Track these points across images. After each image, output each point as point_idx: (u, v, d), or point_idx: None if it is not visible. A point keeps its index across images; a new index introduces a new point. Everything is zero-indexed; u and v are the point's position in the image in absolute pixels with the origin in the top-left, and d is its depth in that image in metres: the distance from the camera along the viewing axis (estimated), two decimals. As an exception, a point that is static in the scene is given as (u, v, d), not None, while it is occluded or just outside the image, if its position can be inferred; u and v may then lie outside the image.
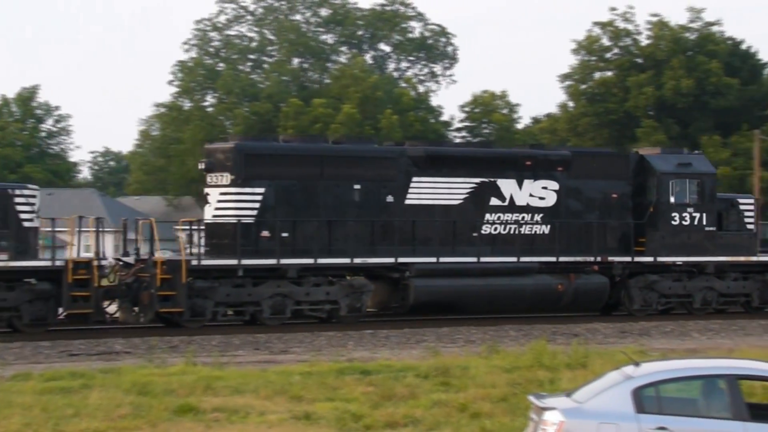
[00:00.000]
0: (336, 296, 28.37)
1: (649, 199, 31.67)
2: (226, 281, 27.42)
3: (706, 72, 67.77)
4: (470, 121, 77.94)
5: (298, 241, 28.14)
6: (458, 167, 30.06)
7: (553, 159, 31.28)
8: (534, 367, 18.81)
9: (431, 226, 29.50)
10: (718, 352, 22.48)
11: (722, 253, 32.07)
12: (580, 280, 30.61)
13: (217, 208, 28.31)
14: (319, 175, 28.55)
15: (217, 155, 28.61)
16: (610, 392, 10.93)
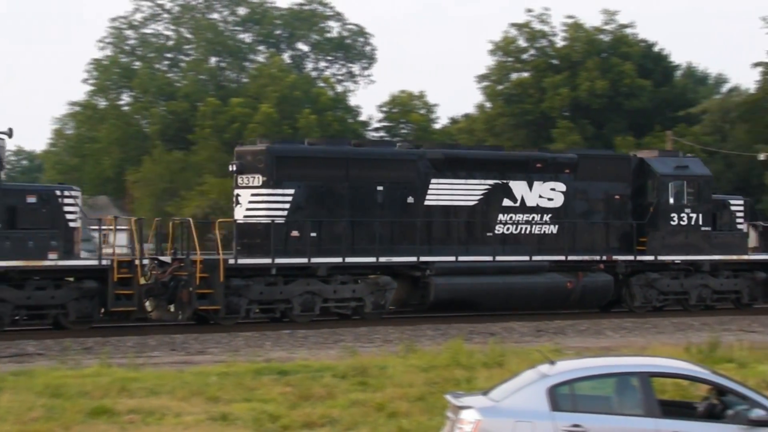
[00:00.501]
0: (361, 294, 29.42)
1: (648, 200, 33.04)
2: (259, 279, 28.33)
3: (620, 73, 68.68)
4: (388, 121, 78.07)
5: (325, 241, 29.13)
6: (474, 169, 31.21)
7: (561, 161, 32.55)
8: (451, 366, 18.90)
9: (449, 226, 30.68)
10: (631, 350, 22.79)
11: (717, 252, 33.47)
12: (588, 278, 31.88)
13: (248, 208, 29.10)
14: (344, 176, 29.56)
15: (248, 157, 29.40)
16: (525, 391, 11.02)
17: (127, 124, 73.87)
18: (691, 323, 30.07)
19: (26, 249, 25.65)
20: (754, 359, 20.13)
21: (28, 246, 25.66)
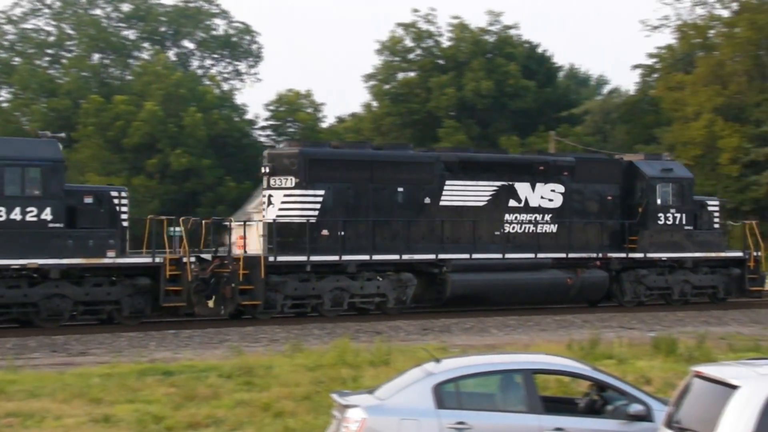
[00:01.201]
0: (385, 290, 31.02)
1: (637, 201, 35.04)
2: (293, 276, 29.78)
3: (504, 74, 69.52)
4: (275, 119, 77.75)
5: (351, 239, 30.69)
6: (483, 172, 32.94)
7: (560, 165, 34.34)
8: (337, 365, 18.90)
9: (463, 225, 32.37)
10: (515, 348, 23.10)
11: (698, 250, 35.67)
12: (586, 275, 33.76)
13: (281, 208, 30.46)
14: (369, 178, 31.17)
15: (281, 160, 30.74)
16: (411, 389, 11.08)
17: (6, 121, 72.16)
18: (573, 320, 30.58)
19: (87, 247, 26.98)
20: (632, 355, 20.56)
21: (89, 244, 27.01)
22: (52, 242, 26.58)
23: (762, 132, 62.95)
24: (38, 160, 26.69)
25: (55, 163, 27.07)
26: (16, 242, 26.14)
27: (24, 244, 26.23)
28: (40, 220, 26.47)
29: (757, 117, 64.50)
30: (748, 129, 64.42)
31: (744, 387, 8.87)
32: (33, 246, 26.31)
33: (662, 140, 70.07)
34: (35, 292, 26.73)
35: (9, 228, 26.09)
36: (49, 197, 26.61)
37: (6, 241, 26.01)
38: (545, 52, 77.25)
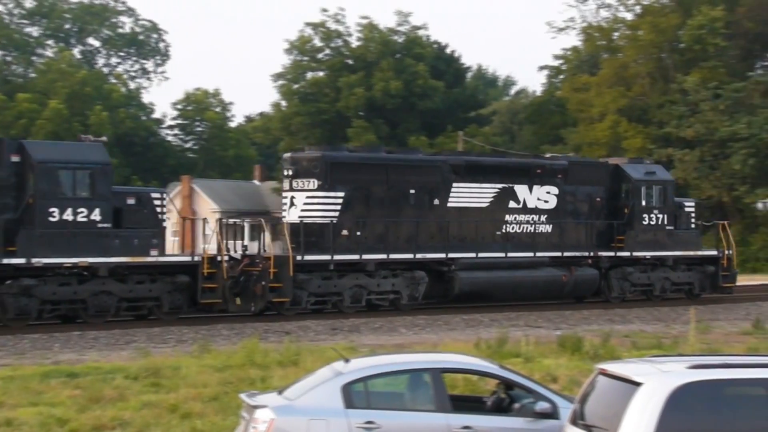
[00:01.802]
0: (399, 287, 32.47)
1: (623, 202, 36.96)
2: (317, 274, 31.11)
3: (413, 74, 69.76)
4: (183, 118, 77.13)
5: (369, 239, 32.20)
6: (486, 174, 34.56)
7: (555, 168, 36.02)
8: (246, 366, 18.80)
9: (468, 225, 33.85)
10: (423, 347, 23.23)
11: (678, 248, 37.75)
12: (579, 272, 35.53)
13: (303, 209, 31.74)
14: (384, 181, 32.67)
15: (303, 163, 32.05)
16: (320, 389, 11.06)
17: None
18: (480, 319, 30.81)
19: (132, 246, 28.33)
20: (539, 354, 20.78)
21: (134, 244, 28.36)
22: (100, 241, 27.80)
23: (665, 133, 64.13)
24: (88, 163, 27.87)
25: (103, 166, 28.31)
26: (68, 241, 27.28)
27: (75, 244, 27.35)
28: (90, 220, 27.70)
29: (659, 118, 65.70)
30: (651, 130, 65.60)
31: (647, 384, 9.03)
32: (83, 245, 27.47)
33: (568, 141, 71.04)
34: (84, 289, 27.86)
35: (62, 228, 27.20)
36: (98, 198, 27.85)
37: (59, 240, 27.15)
38: (454, 53, 77.80)
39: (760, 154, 59.89)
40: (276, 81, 74.25)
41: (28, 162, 27.16)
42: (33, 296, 27.20)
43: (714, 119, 61.62)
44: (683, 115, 63.43)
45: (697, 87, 62.67)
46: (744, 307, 36.17)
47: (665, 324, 30.62)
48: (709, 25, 63.76)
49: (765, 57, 74.02)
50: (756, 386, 9.17)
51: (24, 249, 26.79)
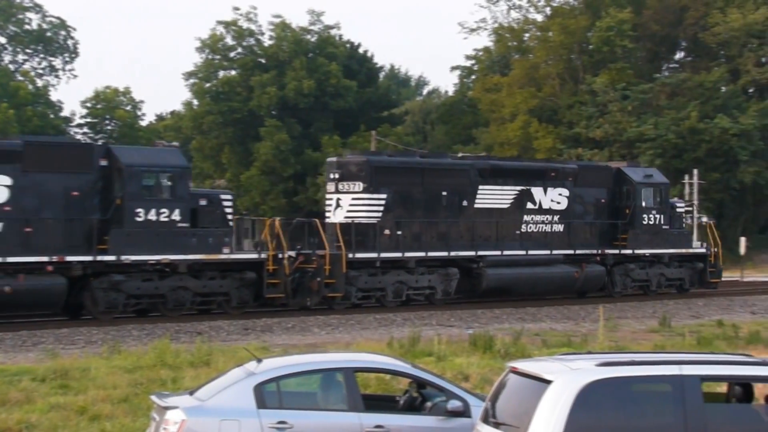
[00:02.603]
0: (434, 283, 34.72)
1: (624, 204, 39.46)
2: (364, 271, 33.17)
3: (326, 74, 69.72)
4: (92, 117, 76.05)
5: (408, 238, 34.33)
6: (508, 177, 36.88)
7: (567, 171, 38.58)
8: (157, 367, 18.60)
9: (492, 225, 36.17)
10: (336, 347, 23.23)
11: (672, 247, 40.56)
12: (589, 269, 38.12)
13: (349, 210, 33.85)
14: (420, 183, 34.83)
15: (349, 167, 34.20)
16: (232, 389, 11.00)
17: None
18: (393, 319, 30.89)
19: (207, 244, 30.30)
20: (451, 352, 20.89)
21: (209, 242, 30.35)
22: (180, 240, 29.79)
23: (574, 133, 64.99)
24: (169, 167, 29.91)
25: (182, 169, 30.49)
26: (152, 240, 29.26)
27: (158, 242, 29.37)
28: (171, 220, 29.72)
29: (569, 119, 66.57)
30: (561, 130, 66.46)
31: (557, 382, 9.12)
32: (165, 243, 29.47)
33: (480, 140, 71.62)
34: (164, 284, 29.85)
35: (147, 227, 29.21)
36: (178, 200, 29.88)
37: (144, 238, 29.12)
38: (366, 53, 77.90)
39: (667, 155, 61.00)
40: (187, 79, 73.73)
41: (116, 166, 29.01)
42: (120, 291, 29.14)
43: (622, 120, 62.65)
44: (592, 115, 64.37)
45: (606, 88, 63.65)
46: (651, 305, 36.81)
47: (575, 322, 31.01)
48: (617, 27, 64.83)
49: (671, 59, 75.49)
50: (662, 383, 9.32)
51: (114, 247, 28.71)
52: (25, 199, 27.89)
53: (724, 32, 64.86)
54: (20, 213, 27.71)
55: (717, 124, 60.90)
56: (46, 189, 28.22)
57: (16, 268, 27.38)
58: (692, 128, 60.81)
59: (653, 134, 61.28)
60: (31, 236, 27.81)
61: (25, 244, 27.68)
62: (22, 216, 27.71)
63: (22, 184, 27.75)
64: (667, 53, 74.48)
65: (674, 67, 74.27)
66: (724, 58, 68.56)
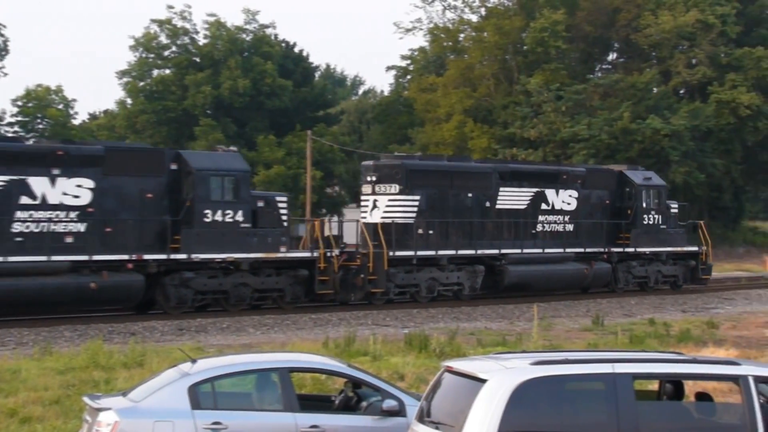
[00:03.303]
0: (462, 279, 36.88)
1: (626, 205, 42.04)
2: (400, 268, 35.12)
3: (261, 73, 69.48)
4: (23, 115, 75.04)
5: (439, 237, 36.26)
6: (525, 180, 39.03)
7: (576, 174, 41.01)
8: (89, 368, 18.40)
9: (511, 225, 38.32)
10: (271, 347, 23.15)
11: (668, 245, 43.12)
12: (597, 266, 40.63)
13: (385, 211, 35.71)
14: (449, 186, 36.82)
15: (385, 170, 36.13)
16: (166, 390, 10.92)
17: None
18: (329, 318, 30.88)
19: (267, 244, 32.31)
20: (387, 352, 20.92)
21: (268, 241, 32.35)
22: (243, 239, 31.81)
23: (509, 133, 65.40)
24: (233, 170, 31.89)
25: (244, 173, 32.53)
26: (218, 239, 31.24)
27: (224, 241, 31.33)
28: (235, 221, 31.72)
29: (504, 119, 66.96)
30: (496, 130, 66.83)
31: (491, 380, 9.17)
32: (230, 242, 31.47)
33: (416, 140, 71.81)
34: (227, 281, 31.86)
35: (213, 228, 31.22)
36: (241, 201, 31.84)
37: (211, 238, 31.12)
38: (302, 52, 77.75)
39: (600, 155, 61.62)
40: (121, 78, 73.03)
41: (185, 170, 30.99)
42: (189, 287, 31.08)
43: (556, 120, 63.16)
44: (527, 116, 64.82)
45: (540, 89, 64.14)
46: (584, 303, 37.16)
47: (509, 321, 31.20)
48: (551, 29, 65.31)
49: (604, 60, 76.27)
50: (595, 381, 9.41)
51: (185, 246, 30.65)
52: (106, 200, 29.72)
53: (655, 34, 65.66)
54: (102, 214, 29.57)
55: (649, 124, 61.65)
56: (124, 191, 30.16)
57: (99, 265, 29.27)
58: (625, 129, 61.49)
59: (587, 134, 61.88)
60: (111, 236, 29.68)
61: (106, 243, 29.50)
62: (103, 217, 29.58)
63: (103, 187, 29.62)
64: (600, 54, 75.25)
65: (607, 68, 75.08)
66: (655, 59, 69.43)
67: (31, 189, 28.53)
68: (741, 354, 22.05)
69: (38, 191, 28.65)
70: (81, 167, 29.24)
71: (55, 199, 28.88)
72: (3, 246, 27.89)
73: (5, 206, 28.13)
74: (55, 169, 28.86)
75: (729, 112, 63.50)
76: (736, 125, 64.01)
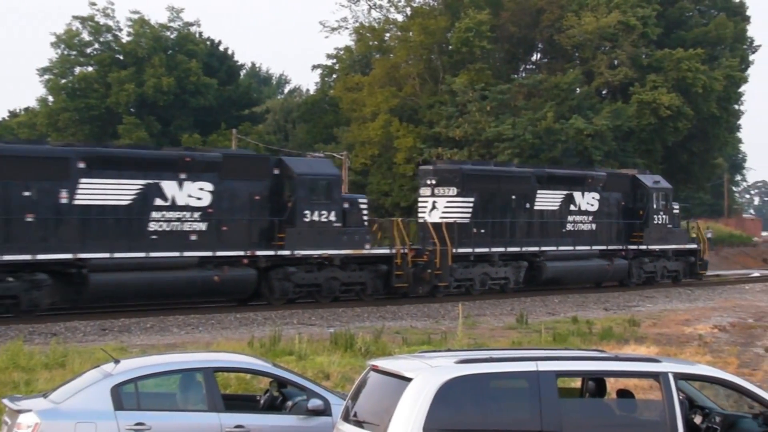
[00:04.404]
0: (509, 274, 41.00)
1: (638, 206, 46.32)
2: (460, 264, 39.12)
3: (186, 71, 68.94)
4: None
5: (489, 235, 40.26)
6: (558, 183, 43.25)
7: (599, 178, 45.13)
8: (9, 369, 18.11)
9: (548, 224, 42.59)
10: (196, 347, 22.99)
11: (674, 243, 47.96)
12: (616, 262, 45.05)
13: (444, 212, 39.47)
14: (497, 189, 40.82)
15: (444, 174, 40.12)
16: (88, 391, 10.80)
17: None
18: (254, 318, 30.76)
19: (354, 241, 35.91)
20: (312, 351, 20.89)
21: (355, 239, 35.94)
22: (335, 237, 35.26)
23: (434, 133, 65.63)
24: (327, 175, 35.52)
25: (336, 177, 36.68)
26: (316, 237, 34.68)
27: (320, 239, 34.74)
28: (329, 220, 35.07)
29: (429, 118, 67.18)
30: (421, 130, 67.01)
31: (417, 379, 9.20)
32: (325, 240, 34.89)
33: (342, 139, 71.76)
34: (321, 275, 35.24)
35: (311, 227, 34.62)
36: (334, 203, 35.30)
37: (310, 236, 34.52)
38: (227, 50, 77.32)
39: (524, 154, 62.09)
40: (42, 75, 71.97)
41: (287, 174, 34.46)
42: (290, 281, 34.34)
43: (481, 120, 63.49)
44: (452, 115, 65.09)
45: (465, 88, 64.43)
46: (509, 302, 37.44)
47: (435, 320, 31.32)
48: (476, 29, 65.62)
49: (528, 60, 76.87)
50: (519, 379, 9.49)
51: (289, 243, 34.03)
52: (222, 202, 32.97)
53: (578, 35, 66.27)
54: (219, 214, 32.85)
55: (572, 124, 62.25)
56: (236, 194, 33.40)
57: (220, 260, 32.59)
58: (549, 128, 62.03)
59: (511, 134, 62.31)
60: (226, 234, 32.97)
61: (222, 240, 32.82)
62: (220, 217, 32.87)
63: (220, 190, 32.85)
64: (525, 55, 75.79)
65: (531, 68, 75.64)
66: (578, 60, 70.10)
67: (163, 192, 31.66)
68: (661, 351, 22.40)
69: (169, 194, 31.78)
70: (203, 172, 32.45)
71: (182, 200, 32.10)
72: (141, 243, 31.13)
73: (143, 207, 31.35)
74: (183, 173, 32.03)
75: (650, 112, 64.35)
76: (656, 125, 64.91)
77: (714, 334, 28.34)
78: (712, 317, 32.95)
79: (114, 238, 30.69)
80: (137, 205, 31.14)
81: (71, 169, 30.01)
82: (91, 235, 30.32)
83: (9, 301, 29.03)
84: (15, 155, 29.53)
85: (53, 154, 30.36)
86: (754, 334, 28.98)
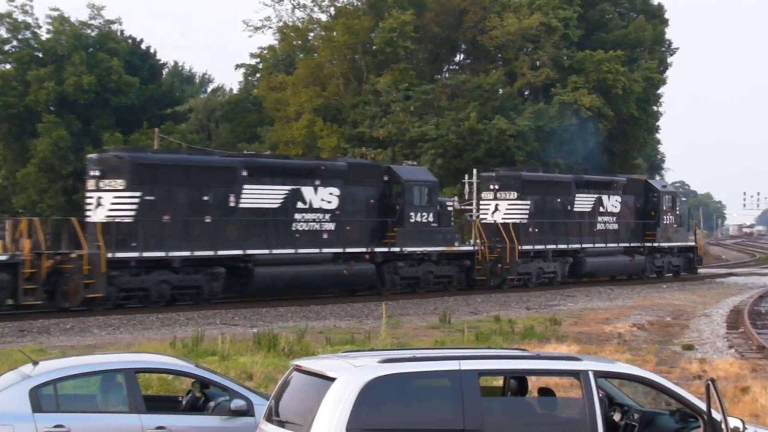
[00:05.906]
0: (557, 268, 46.99)
1: (649, 207, 52.71)
2: (521, 259, 44.49)
3: (107, 69, 68.11)
4: None
5: (541, 234, 45.88)
6: (591, 188, 49.30)
7: (622, 183, 51.31)
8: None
9: (585, 224, 48.65)
10: (117, 347, 22.76)
11: (679, 240, 54.72)
12: (637, 258, 51.39)
13: (505, 213, 45.36)
14: (546, 192, 46.72)
15: (505, 179, 46.05)
16: (5, 393, 10.63)
17: None
18: (177, 318, 30.56)
19: (447, 239, 41.94)
20: (235, 351, 20.82)
21: (447, 237, 41.94)
22: (433, 236, 41.00)
23: (358, 132, 65.70)
24: (427, 181, 41.24)
25: (434, 183, 42.01)
26: (419, 236, 40.35)
27: (421, 237, 40.47)
28: (428, 221, 40.77)
29: (353, 118, 67.24)
30: (345, 129, 67.05)
31: (340, 379, 9.20)
32: (425, 238, 40.63)
33: (265, 139, 71.53)
34: (420, 269, 40.93)
35: (415, 227, 40.23)
36: (432, 206, 40.97)
37: (414, 235, 40.14)
38: (149, 49, 76.56)
39: (448, 154, 62.44)
40: (-41, 72, 70.57)
41: (395, 180, 40.15)
42: (398, 274, 40.01)
43: (405, 120, 63.70)
44: (376, 115, 65.21)
45: (389, 88, 64.58)
46: (432, 302, 37.62)
47: (358, 320, 31.39)
48: (400, 29, 65.82)
49: (452, 61, 77.27)
50: (442, 378, 9.53)
51: (399, 241, 39.61)
52: (346, 205, 38.27)
53: (500, 36, 66.79)
54: (344, 216, 38.09)
55: (495, 124, 62.70)
56: (357, 198, 38.85)
57: (347, 256, 37.88)
58: (472, 129, 62.41)
59: (435, 134, 62.59)
60: (349, 233, 38.15)
61: (346, 238, 38.00)
62: (345, 218, 38.09)
63: (345, 195, 38.17)
64: (448, 55, 76.17)
65: (454, 68, 76.04)
66: (501, 61, 70.64)
67: (303, 196, 36.94)
68: (582, 349, 22.67)
69: (307, 198, 37.05)
70: (332, 179, 37.69)
71: (317, 203, 37.35)
72: (289, 240, 36.31)
73: (289, 209, 36.52)
74: (317, 180, 37.29)
75: (571, 113, 65.09)
76: (578, 126, 65.66)
77: (633, 332, 28.77)
78: (631, 316, 33.45)
79: (269, 236, 35.72)
80: (284, 207, 36.37)
81: (237, 177, 35.16)
82: (252, 234, 35.37)
83: (193, 290, 34.02)
84: (198, 165, 34.79)
85: (224, 164, 35.93)
86: (672, 332, 29.49)
